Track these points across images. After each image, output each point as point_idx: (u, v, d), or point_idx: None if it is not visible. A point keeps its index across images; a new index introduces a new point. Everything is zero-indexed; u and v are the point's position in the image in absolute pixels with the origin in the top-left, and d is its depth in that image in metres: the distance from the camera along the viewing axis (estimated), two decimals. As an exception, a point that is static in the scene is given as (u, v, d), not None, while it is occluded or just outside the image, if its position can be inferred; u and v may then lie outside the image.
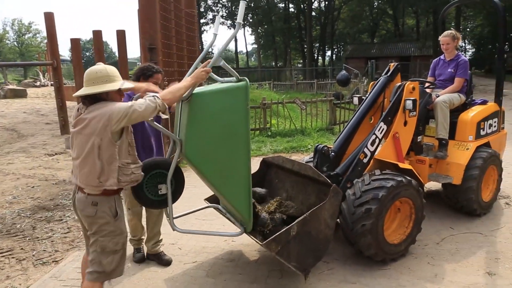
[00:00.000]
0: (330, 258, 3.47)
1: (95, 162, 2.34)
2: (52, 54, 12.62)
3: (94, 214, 2.41)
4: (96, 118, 2.32)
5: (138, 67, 3.53)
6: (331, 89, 23.06)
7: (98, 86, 2.40)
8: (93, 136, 2.32)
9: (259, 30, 47.67)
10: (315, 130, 9.70)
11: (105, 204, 2.42)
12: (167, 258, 3.56)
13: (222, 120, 2.61)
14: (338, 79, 4.88)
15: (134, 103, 2.34)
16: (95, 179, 2.36)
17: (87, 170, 2.37)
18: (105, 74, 2.44)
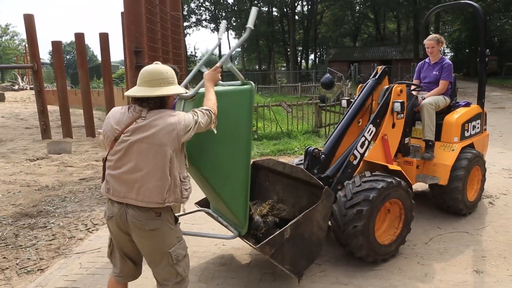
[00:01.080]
0: (322, 260, 3.48)
1: (165, 176, 2.12)
2: (33, 57, 12.36)
3: (161, 226, 2.19)
4: (169, 127, 2.11)
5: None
6: (315, 92, 23.25)
7: (167, 87, 2.21)
8: (166, 147, 2.10)
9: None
10: (301, 133, 9.76)
11: (167, 212, 2.24)
12: None
13: (225, 121, 2.58)
14: (323, 82, 4.93)
15: (197, 116, 2.24)
16: (161, 196, 2.13)
17: (154, 185, 2.12)
18: (172, 75, 2.27)
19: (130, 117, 2.18)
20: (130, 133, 2.14)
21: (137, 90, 2.20)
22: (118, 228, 2.24)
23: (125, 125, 2.16)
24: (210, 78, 2.53)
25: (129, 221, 2.18)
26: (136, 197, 2.14)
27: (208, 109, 2.32)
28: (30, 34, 12.08)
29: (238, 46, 2.82)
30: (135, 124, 2.15)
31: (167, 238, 2.24)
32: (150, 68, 2.26)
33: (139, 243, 2.26)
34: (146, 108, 2.19)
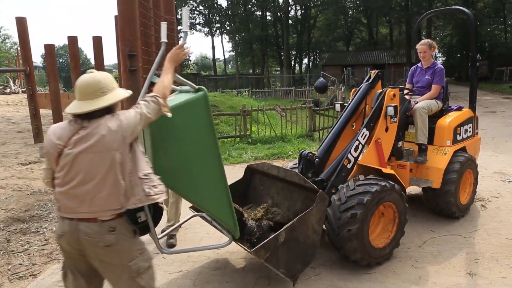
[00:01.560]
0: (317, 263, 3.48)
1: (117, 181, 2.03)
2: (25, 60, 12.28)
3: (116, 240, 2.07)
4: (111, 131, 2.02)
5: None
6: (309, 96, 23.36)
7: (107, 96, 2.09)
8: (112, 151, 2.01)
9: (236, 38, 47.85)
10: (295, 137, 9.78)
11: (122, 225, 2.11)
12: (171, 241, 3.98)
13: (187, 135, 2.48)
14: (316, 86, 4.95)
15: (141, 108, 2.12)
16: (117, 202, 2.05)
17: (107, 192, 2.04)
18: (110, 80, 2.16)
19: (72, 129, 2.07)
20: (72, 146, 2.03)
21: (79, 106, 2.08)
22: (70, 246, 2.11)
23: (68, 138, 2.05)
24: (171, 58, 2.34)
25: (81, 239, 2.06)
26: (89, 209, 2.04)
27: (153, 96, 2.18)
28: (23, 37, 12.01)
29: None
30: (77, 135, 2.04)
31: (125, 252, 2.13)
32: (87, 80, 2.11)
33: (95, 260, 2.14)
34: (85, 119, 2.07)
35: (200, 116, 2.50)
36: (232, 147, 9.05)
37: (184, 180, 2.55)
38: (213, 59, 55.17)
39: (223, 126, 10.94)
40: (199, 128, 2.51)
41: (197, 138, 2.53)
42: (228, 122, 11.15)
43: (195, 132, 2.51)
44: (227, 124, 11.05)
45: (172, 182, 2.52)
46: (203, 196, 2.65)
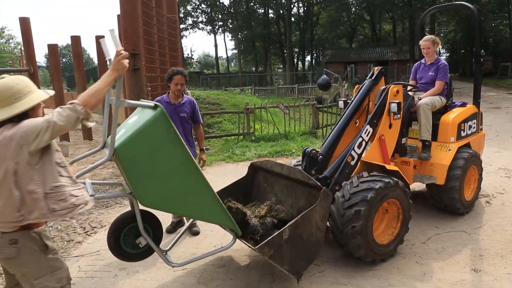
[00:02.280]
0: (321, 260, 3.49)
1: (11, 192, 1.90)
2: (29, 60, 12.31)
3: (18, 254, 1.96)
4: (5, 140, 1.89)
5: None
6: (312, 94, 23.31)
7: (20, 102, 1.96)
8: (6, 161, 1.88)
9: (239, 36, 47.81)
10: (299, 134, 9.77)
11: (27, 239, 1.99)
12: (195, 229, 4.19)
13: (159, 156, 2.43)
14: (319, 84, 4.94)
15: (52, 115, 1.93)
16: (13, 214, 1.91)
17: (2, 204, 1.92)
18: (25, 84, 2.02)
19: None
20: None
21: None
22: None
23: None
24: (114, 67, 2.14)
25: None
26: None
27: (72, 103, 1.98)
28: (26, 37, 12.04)
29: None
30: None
31: (30, 268, 2.00)
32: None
33: (5, 268, 2.09)
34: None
35: (164, 134, 2.44)
36: (236, 145, 9.05)
37: (172, 200, 2.55)
38: (215, 57, 55.17)
39: (226, 124, 10.94)
40: (166, 145, 2.46)
41: (169, 156, 2.48)
42: (231, 120, 11.16)
43: (165, 150, 2.46)
44: (230, 122, 11.06)
45: (163, 205, 2.53)
46: (194, 208, 2.68)
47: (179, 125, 4.03)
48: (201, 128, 4.43)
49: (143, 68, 6.19)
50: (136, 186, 2.40)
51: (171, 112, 3.93)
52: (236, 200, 3.69)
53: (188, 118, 4.16)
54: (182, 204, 2.61)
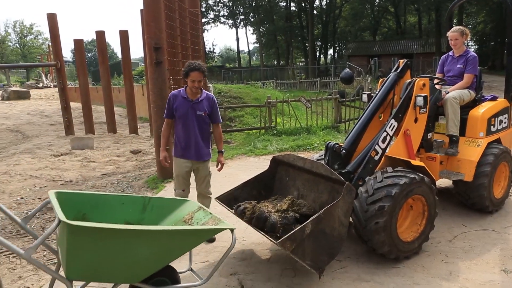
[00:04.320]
0: (343, 256, 3.44)
1: None
2: (56, 55, 12.66)
3: None
4: None
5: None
6: (334, 88, 23.02)
7: None
8: None
9: (260, 29, 47.62)
10: (321, 128, 9.68)
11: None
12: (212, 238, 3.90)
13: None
14: (342, 77, 4.85)
15: None
16: None
17: None
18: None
19: None
20: None
21: None
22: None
23: None
24: None
25: None
26: None
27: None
28: (53, 33, 12.36)
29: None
30: None
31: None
32: None
33: None
34: None
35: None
36: (257, 139, 9.05)
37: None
38: (237, 51, 55.16)
39: (248, 118, 10.95)
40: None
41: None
42: (253, 113, 11.15)
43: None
44: (252, 116, 11.05)
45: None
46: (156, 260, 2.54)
47: (195, 125, 3.73)
48: (219, 128, 3.99)
49: (166, 62, 6.24)
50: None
51: (187, 109, 3.70)
52: (257, 193, 3.71)
53: (205, 117, 3.77)
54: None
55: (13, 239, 4.21)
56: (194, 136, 3.76)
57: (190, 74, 3.58)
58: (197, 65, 3.59)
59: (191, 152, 3.79)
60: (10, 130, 13.37)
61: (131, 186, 6.09)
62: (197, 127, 3.75)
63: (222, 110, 10.05)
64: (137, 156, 8.63)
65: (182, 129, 3.77)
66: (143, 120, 14.65)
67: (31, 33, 66.37)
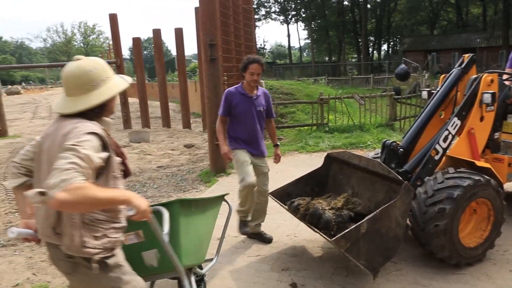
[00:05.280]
0: (398, 258, 3.33)
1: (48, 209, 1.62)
2: (116, 53, 13.38)
3: (72, 271, 1.68)
4: (55, 143, 1.63)
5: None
6: (388, 84, 22.20)
7: (98, 91, 1.70)
8: (51, 167, 1.52)
9: (312, 25, 47.02)
10: (374, 126, 9.40)
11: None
12: (268, 237, 3.80)
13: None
14: (397, 73, 4.66)
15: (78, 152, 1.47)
16: (49, 228, 1.65)
17: (41, 216, 1.68)
18: (103, 69, 1.74)
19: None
20: (40, 142, 1.74)
21: (63, 104, 1.72)
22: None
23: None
24: (136, 204, 1.61)
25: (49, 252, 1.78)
26: (37, 221, 1.75)
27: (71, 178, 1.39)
28: (114, 32, 13.07)
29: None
30: (46, 129, 1.76)
31: (88, 286, 1.73)
32: (72, 70, 1.69)
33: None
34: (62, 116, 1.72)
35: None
36: (309, 136, 8.97)
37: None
38: (288, 47, 54.91)
39: (300, 114, 10.88)
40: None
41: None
42: (304, 110, 11.06)
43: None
44: (303, 112, 10.97)
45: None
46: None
47: (256, 121, 3.68)
48: (273, 122, 3.98)
49: (220, 58, 6.36)
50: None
51: (249, 105, 3.66)
52: (310, 190, 3.68)
53: (263, 112, 3.75)
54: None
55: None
56: (255, 132, 3.70)
57: (249, 66, 3.54)
58: (256, 57, 3.60)
59: (253, 147, 3.70)
60: (75, 123, 14.31)
61: (185, 179, 6.30)
62: (258, 122, 3.72)
63: (274, 106, 10.05)
64: (190, 150, 8.89)
65: (242, 126, 3.67)
66: (195, 116, 15.06)
67: (94, 33, 70.62)
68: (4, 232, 4.36)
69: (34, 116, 16.69)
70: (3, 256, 3.76)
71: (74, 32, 69.46)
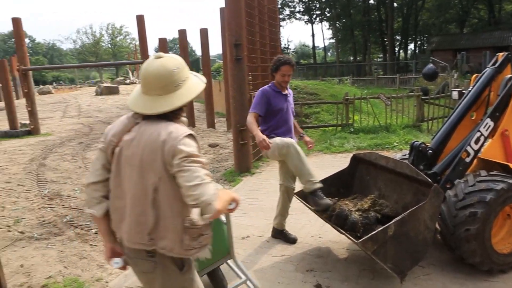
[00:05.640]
0: (426, 263, 3.25)
1: (146, 211, 1.63)
2: (143, 54, 13.63)
3: (154, 270, 1.72)
4: (153, 145, 1.61)
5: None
6: (415, 84, 21.73)
7: (180, 91, 1.70)
8: (149, 172, 1.61)
9: (337, 24, 46.53)
10: (401, 127, 9.21)
11: (164, 256, 1.71)
12: (293, 237, 3.77)
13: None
14: (425, 73, 4.54)
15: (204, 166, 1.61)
16: (141, 236, 1.66)
17: (134, 219, 1.67)
18: (183, 68, 1.72)
19: (126, 125, 1.73)
20: (120, 147, 1.70)
21: (144, 103, 1.69)
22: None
23: (121, 135, 1.71)
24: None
25: (126, 253, 1.79)
26: (121, 230, 1.73)
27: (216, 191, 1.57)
28: (141, 33, 13.32)
29: None
30: (126, 135, 1.70)
31: (162, 285, 1.76)
32: (156, 69, 1.67)
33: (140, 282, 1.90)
34: (141, 117, 1.72)
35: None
36: (333, 136, 8.89)
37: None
38: (312, 47, 54.55)
39: (324, 115, 10.79)
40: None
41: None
42: (329, 110, 10.97)
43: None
44: (328, 113, 10.88)
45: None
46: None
47: (290, 118, 3.78)
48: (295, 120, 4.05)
49: (245, 58, 6.38)
50: None
51: (284, 102, 3.69)
52: (336, 191, 3.65)
53: (293, 109, 3.89)
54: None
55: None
56: (289, 129, 3.76)
57: (280, 68, 3.56)
58: (287, 59, 3.60)
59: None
60: (103, 122, 14.70)
61: (210, 178, 6.35)
62: (291, 119, 3.81)
63: (299, 106, 10.03)
64: (215, 149, 8.97)
65: (278, 123, 3.68)
66: (219, 115, 15.16)
67: (121, 34, 72.29)
68: (38, 226, 4.54)
69: (64, 115, 17.24)
70: (37, 249, 3.91)
71: (102, 33, 71.32)
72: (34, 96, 12.75)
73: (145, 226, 1.65)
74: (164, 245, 1.66)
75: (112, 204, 1.76)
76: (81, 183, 6.27)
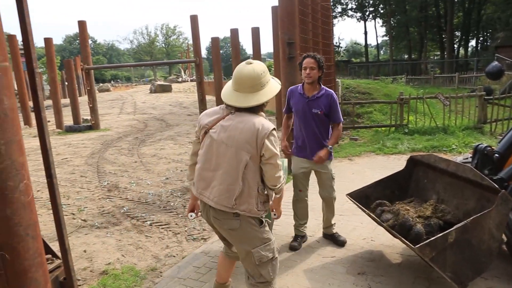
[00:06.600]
0: (490, 275, 3.03)
1: (237, 181, 2.14)
2: (196, 53, 13.98)
3: (239, 226, 2.20)
4: (249, 132, 2.13)
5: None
6: (476, 83, 20.43)
7: (264, 91, 2.21)
8: (243, 152, 2.12)
9: (391, 21, 44.85)
10: (460, 129, 8.68)
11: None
12: (342, 239, 3.71)
13: None
14: (489, 71, 4.25)
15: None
16: (229, 201, 2.15)
17: (224, 188, 2.16)
18: (266, 73, 2.23)
19: (220, 114, 2.25)
20: (215, 130, 2.20)
21: (237, 98, 2.20)
22: (208, 220, 2.35)
23: (215, 121, 2.23)
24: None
25: (211, 218, 2.27)
26: (208, 195, 2.21)
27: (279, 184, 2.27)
28: (194, 33, 13.66)
29: None
30: (223, 122, 2.20)
31: (248, 238, 2.24)
32: (248, 72, 2.18)
33: (225, 236, 2.39)
34: (235, 109, 2.22)
35: None
36: (387, 137, 8.59)
37: None
38: (365, 45, 53.02)
39: (377, 115, 10.47)
40: None
41: None
42: (382, 110, 10.62)
43: None
44: (381, 113, 10.53)
45: None
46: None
47: (312, 123, 3.49)
48: (339, 128, 3.59)
49: (298, 56, 6.34)
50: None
51: (303, 106, 3.51)
52: (390, 193, 3.53)
53: (322, 116, 3.47)
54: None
55: (161, 212, 4.83)
56: (310, 135, 3.52)
57: (302, 62, 3.44)
58: (310, 53, 3.50)
59: (306, 151, 3.57)
60: (157, 119, 15.31)
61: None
62: (315, 125, 3.49)
63: (351, 105, 9.80)
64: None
65: (299, 127, 3.60)
66: (269, 113, 15.23)
67: (174, 34, 74.82)
68: (98, 215, 4.83)
69: (121, 111, 18.16)
70: (97, 237, 4.16)
71: (156, 33, 74.23)
72: (95, 94, 13.54)
73: (233, 193, 2.14)
74: (245, 208, 2.16)
75: (199, 174, 2.27)
76: (136, 177, 6.58)
